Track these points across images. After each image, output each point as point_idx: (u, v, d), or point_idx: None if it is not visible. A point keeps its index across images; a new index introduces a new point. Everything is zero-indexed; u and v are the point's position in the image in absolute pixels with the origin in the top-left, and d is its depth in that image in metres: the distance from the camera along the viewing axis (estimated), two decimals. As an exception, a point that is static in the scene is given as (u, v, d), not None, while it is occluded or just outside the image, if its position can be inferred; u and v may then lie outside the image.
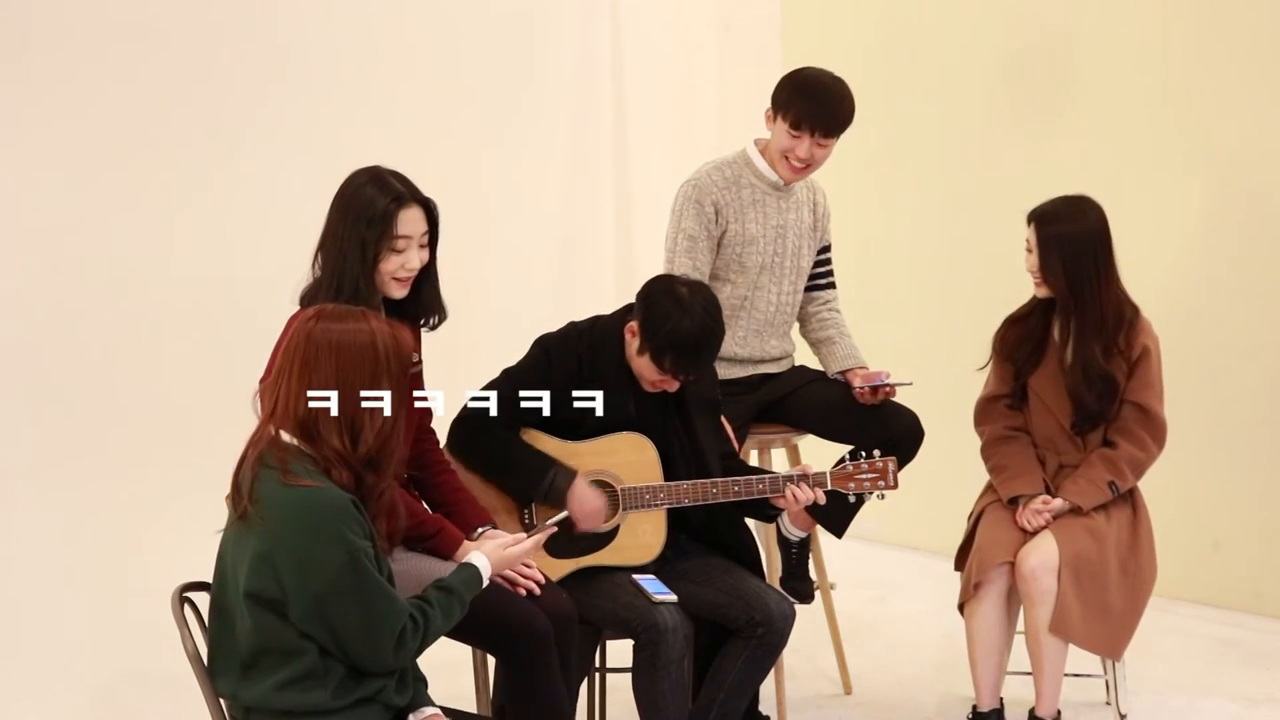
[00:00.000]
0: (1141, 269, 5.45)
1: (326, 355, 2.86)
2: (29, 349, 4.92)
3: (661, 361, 3.70)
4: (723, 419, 4.06)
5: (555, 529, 3.41)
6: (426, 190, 3.48)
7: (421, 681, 3.07)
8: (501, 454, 3.77)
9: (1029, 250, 4.20)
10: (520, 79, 6.06)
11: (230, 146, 5.29)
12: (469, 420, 3.80)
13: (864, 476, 3.90)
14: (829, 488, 3.88)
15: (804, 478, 3.84)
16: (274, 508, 2.84)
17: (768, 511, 3.96)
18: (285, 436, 2.89)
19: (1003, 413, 4.33)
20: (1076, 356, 4.18)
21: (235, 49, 5.30)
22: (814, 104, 4.24)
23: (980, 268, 5.11)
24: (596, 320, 3.87)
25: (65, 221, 4.98)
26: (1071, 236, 4.15)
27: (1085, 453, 4.24)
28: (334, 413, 2.86)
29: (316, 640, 2.85)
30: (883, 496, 3.94)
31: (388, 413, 2.90)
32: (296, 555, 2.81)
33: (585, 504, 3.75)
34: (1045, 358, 4.25)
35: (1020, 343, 4.29)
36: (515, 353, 3.91)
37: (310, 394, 2.86)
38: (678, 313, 3.66)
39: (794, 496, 3.82)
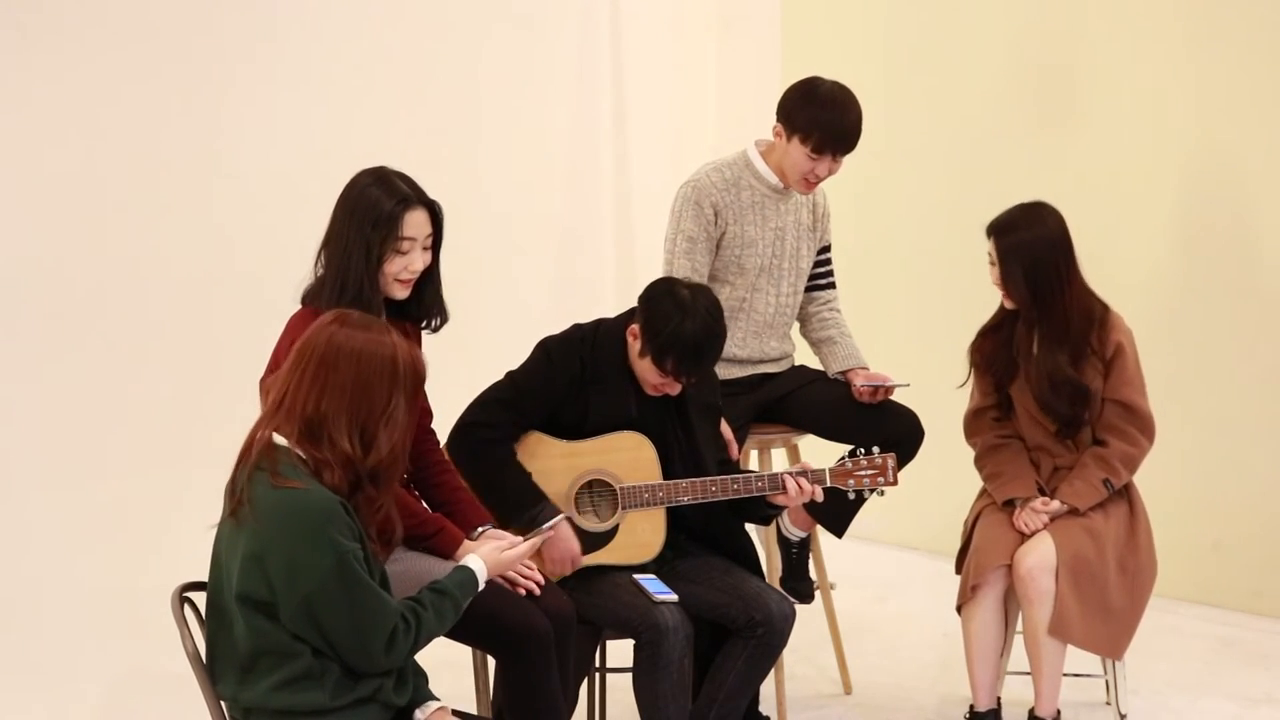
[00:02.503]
0: (1140, 271, 5.49)
1: (348, 361, 2.87)
2: (28, 348, 4.92)
3: (663, 363, 3.70)
4: (725, 428, 4.05)
5: (552, 533, 3.41)
6: (426, 190, 3.48)
7: (421, 676, 3.07)
8: (495, 475, 3.76)
9: (992, 264, 4.20)
10: (520, 79, 6.06)
11: (231, 145, 5.29)
12: (470, 430, 3.78)
13: (863, 473, 3.90)
14: (828, 484, 3.88)
15: (803, 474, 3.84)
16: (263, 509, 2.84)
17: (765, 512, 3.95)
18: (278, 438, 2.88)
19: (990, 424, 4.34)
20: (1041, 366, 4.18)
21: (236, 47, 5.30)
22: (835, 128, 4.20)
23: (980, 268, 5.09)
24: (600, 323, 3.87)
25: (65, 220, 4.98)
26: (1031, 245, 4.14)
27: (1077, 453, 4.24)
28: (348, 416, 2.86)
29: (308, 642, 2.85)
30: (882, 493, 3.94)
31: (400, 427, 2.90)
32: (284, 558, 2.81)
33: (562, 544, 3.74)
34: (1022, 371, 4.25)
35: (995, 354, 4.29)
36: (515, 353, 3.91)
37: (324, 396, 2.87)
38: (679, 315, 3.66)
39: (794, 489, 3.80)
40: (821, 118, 4.21)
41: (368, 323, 2.94)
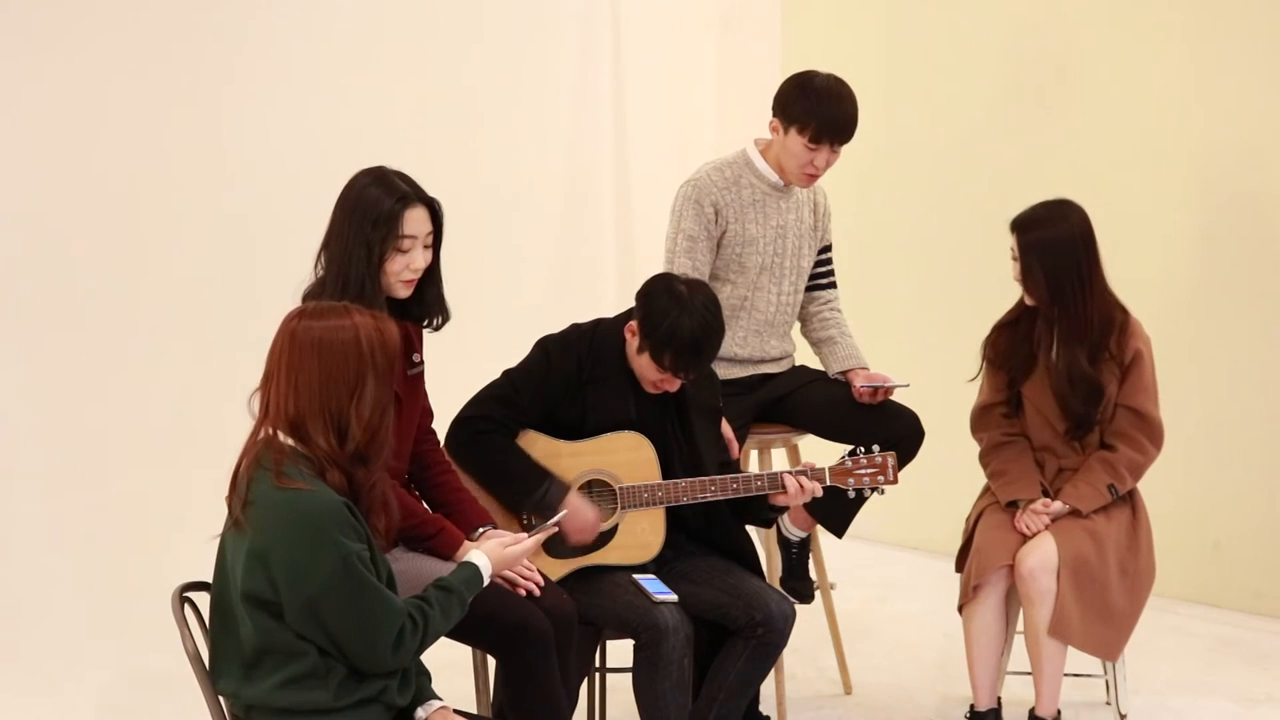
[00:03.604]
0: (1140, 269, 5.48)
1: (310, 354, 2.86)
2: (29, 348, 4.92)
3: (661, 359, 3.69)
4: (725, 428, 4.05)
5: (556, 529, 3.40)
6: (426, 190, 3.48)
7: (425, 676, 3.07)
8: (497, 462, 3.77)
9: (1014, 259, 4.20)
10: (520, 79, 6.06)
11: (231, 145, 5.28)
12: (467, 423, 3.79)
13: (863, 472, 3.89)
14: (828, 483, 3.87)
15: (803, 472, 3.84)
16: (266, 510, 2.84)
17: (766, 515, 3.95)
18: (283, 437, 2.89)
19: (998, 420, 4.33)
20: (1060, 362, 4.18)
21: (236, 48, 5.30)
22: (832, 117, 4.22)
23: (980, 268, 5.13)
24: (599, 323, 3.87)
25: (67, 220, 4.98)
26: (1053, 242, 4.13)
27: (1083, 456, 4.24)
28: (320, 411, 2.86)
29: (313, 642, 2.85)
30: (882, 492, 3.94)
31: (372, 407, 2.89)
32: (287, 559, 2.81)
33: (578, 516, 3.75)
34: (1036, 364, 4.25)
35: (1011, 350, 4.28)
36: (514, 353, 3.91)
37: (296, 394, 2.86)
38: (676, 310, 3.66)
39: (794, 487, 3.79)
40: (818, 107, 4.22)
41: (325, 310, 2.92)
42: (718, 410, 3.99)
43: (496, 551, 3.19)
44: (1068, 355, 4.16)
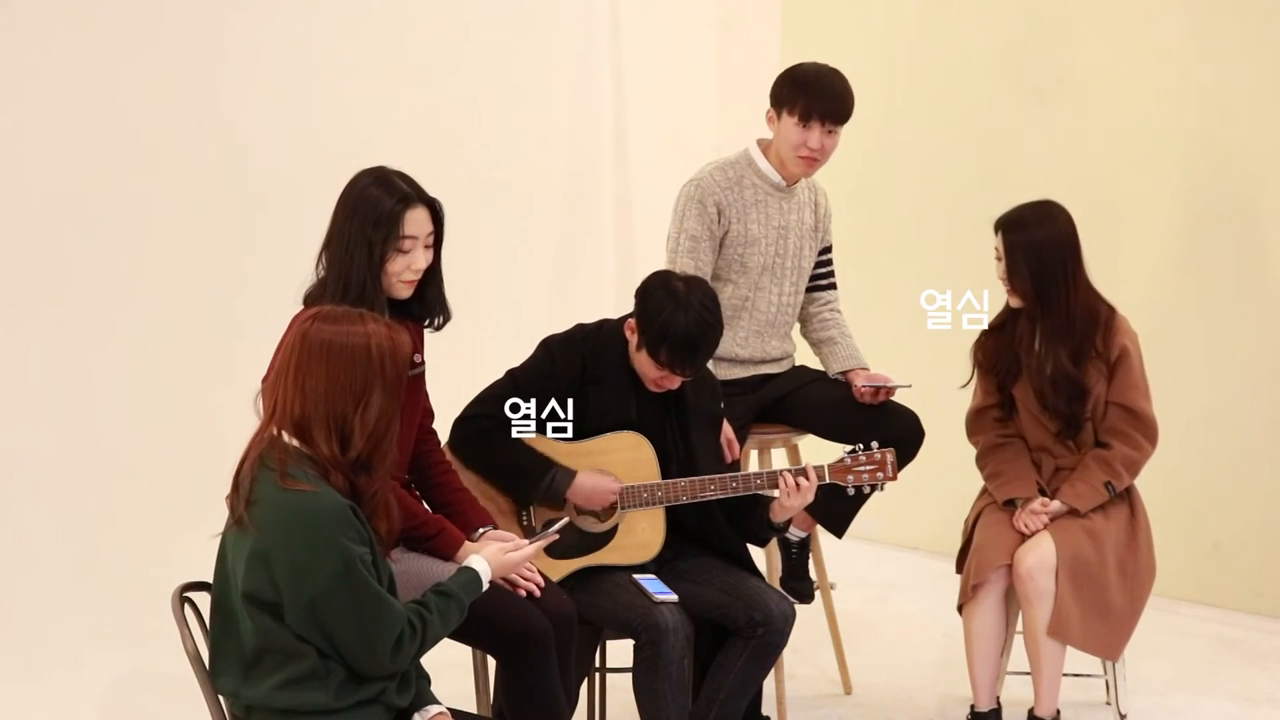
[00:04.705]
0: (1140, 268, 5.49)
1: (319, 357, 2.85)
2: (31, 348, 4.92)
3: (657, 355, 3.69)
4: (726, 429, 4.04)
5: (558, 536, 3.40)
6: (426, 190, 3.48)
7: (425, 679, 3.07)
8: (501, 456, 3.77)
9: (998, 259, 4.21)
10: (520, 79, 6.07)
11: (234, 144, 5.29)
12: (470, 421, 3.80)
13: (863, 469, 3.89)
14: (828, 480, 3.87)
15: (801, 471, 3.83)
16: (270, 510, 2.83)
17: (764, 534, 3.95)
18: (286, 438, 2.88)
19: (992, 423, 4.33)
20: (1043, 361, 4.19)
21: (236, 48, 5.31)
22: (819, 93, 4.26)
23: (980, 267, 5.11)
24: (604, 323, 3.87)
25: (69, 222, 4.98)
26: (1039, 242, 4.15)
27: (1079, 454, 4.24)
28: (324, 416, 2.85)
29: (313, 643, 2.85)
30: (882, 489, 3.93)
31: (377, 417, 2.89)
32: (290, 560, 2.80)
33: (592, 496, 3.76)
34: (1024, 366, 4.25)
35: (999, 353, 4.29)
36: (515, 353, 3.91)
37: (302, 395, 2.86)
38: (672, 306, 3.66)
39: (792, 484, 3.79)
40: (805, 85, 4.27)
41: (340, 315, 2.91)
42: (718, 417, 3.98)
43: (497, 557, 3.20)
44: (1051, 356, 4.17)
